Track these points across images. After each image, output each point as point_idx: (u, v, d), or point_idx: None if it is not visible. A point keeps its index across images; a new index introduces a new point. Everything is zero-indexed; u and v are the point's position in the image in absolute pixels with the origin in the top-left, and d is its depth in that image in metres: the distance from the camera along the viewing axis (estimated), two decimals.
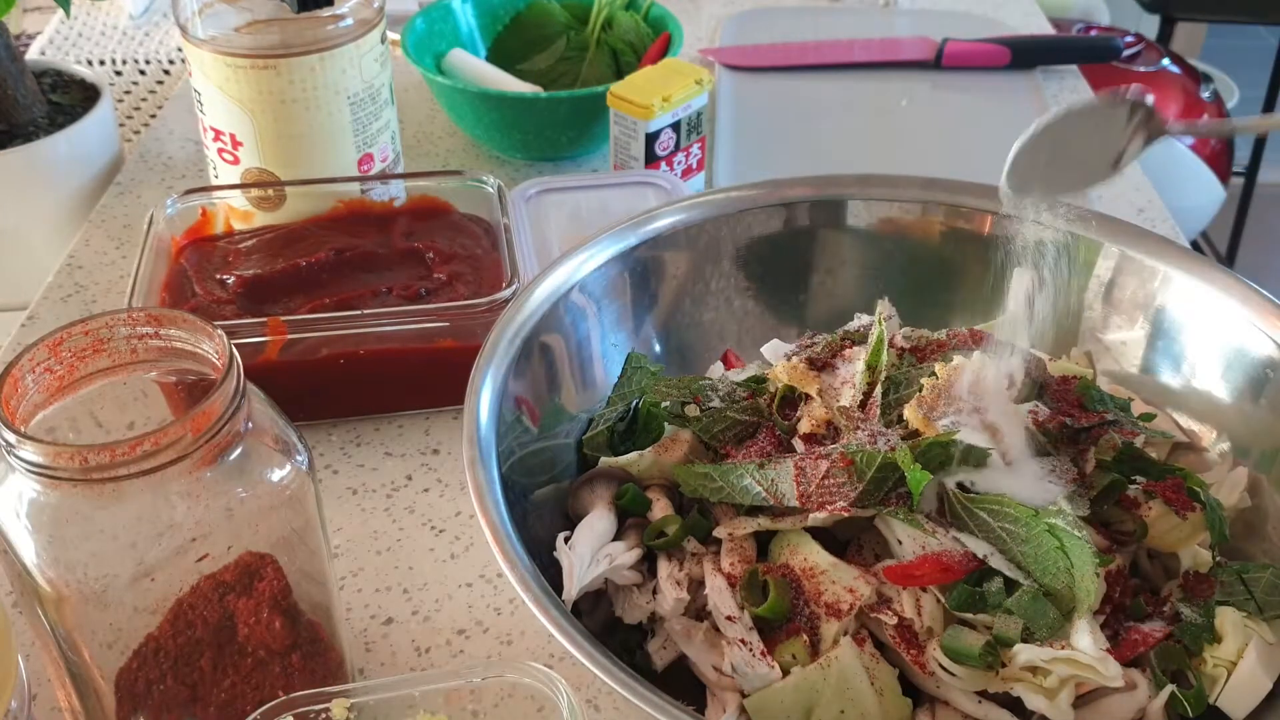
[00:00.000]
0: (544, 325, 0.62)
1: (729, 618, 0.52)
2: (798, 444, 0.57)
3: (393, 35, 1.19)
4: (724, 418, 0.60)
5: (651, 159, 0.88)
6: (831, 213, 0.71)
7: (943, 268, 0.71)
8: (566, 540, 0.56)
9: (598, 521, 0.57)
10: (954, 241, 0.69)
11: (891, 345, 0.61)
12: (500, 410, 0.57)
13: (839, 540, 0.55)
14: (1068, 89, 1.13)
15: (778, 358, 0.64)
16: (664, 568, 0.55)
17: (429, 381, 0.73)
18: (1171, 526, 0.55)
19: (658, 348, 0.69)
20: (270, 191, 0.80)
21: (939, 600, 0.52)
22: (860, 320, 0.67)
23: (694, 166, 0.93)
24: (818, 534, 0.54)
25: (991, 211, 0.68)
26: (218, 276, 0.75)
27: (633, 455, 0.59)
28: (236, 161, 0.82)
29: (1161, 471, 0.57)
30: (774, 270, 0.72)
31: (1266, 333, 0.60)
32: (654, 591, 0.55)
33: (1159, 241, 0.67)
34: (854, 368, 0.59)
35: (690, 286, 0.70)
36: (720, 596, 0.53)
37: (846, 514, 0.53)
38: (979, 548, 0.52)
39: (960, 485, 0.53)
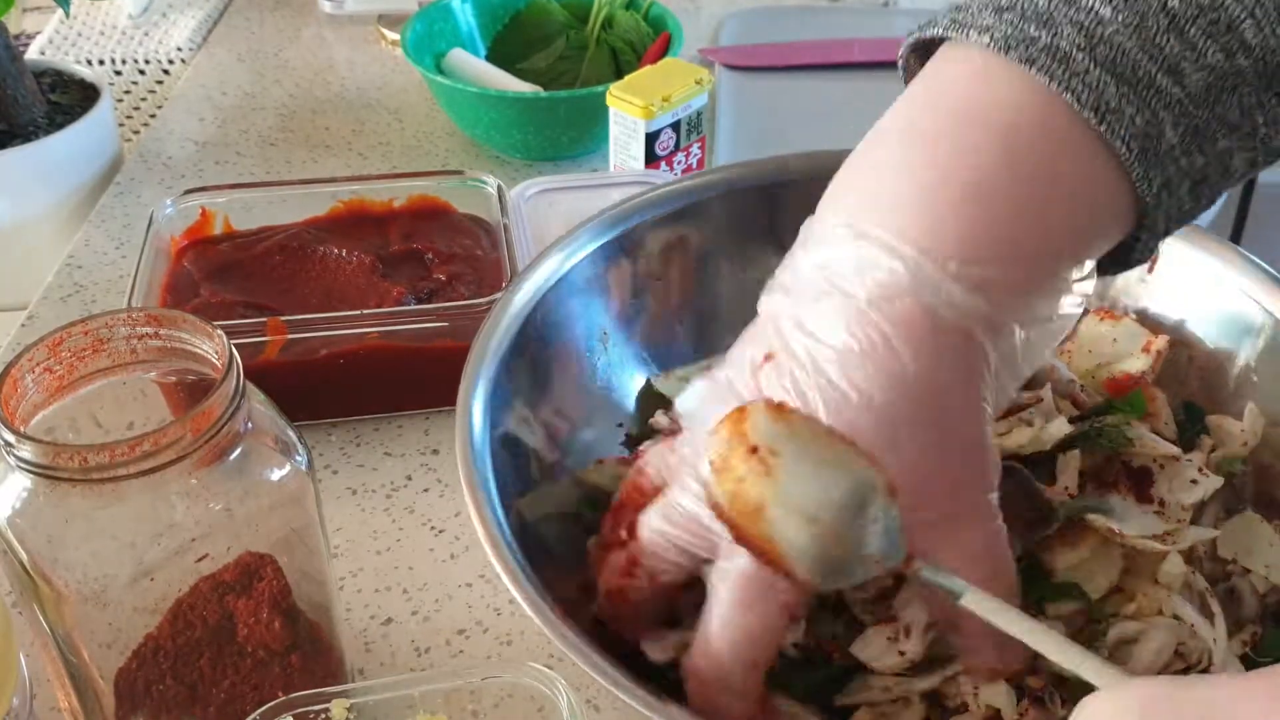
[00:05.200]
0: (533, 321, 0.61)
1: None
2: None
3: (393, 35, 1.20)
4: None
5: (651, 159, 0.88)
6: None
7: None
8: None
9: None
10: None
11: None
12: (493, 408, 0.56)
13: None
14: None
15: None
16: None
17: (429, 381, 0.73)
18: None
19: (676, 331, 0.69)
20: None
21: None
22: None
23: (694, 166, 0.93)
24: None
25: None
26: (217, 276, 0.75)
27: None
28: None
29: None
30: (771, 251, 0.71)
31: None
32: None
33: None
34: None
35: (702, 268, 0.70)
36: None
37: None
38: None
39: None
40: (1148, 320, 0.62)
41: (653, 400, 0.65)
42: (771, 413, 0.43)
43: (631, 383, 0.66)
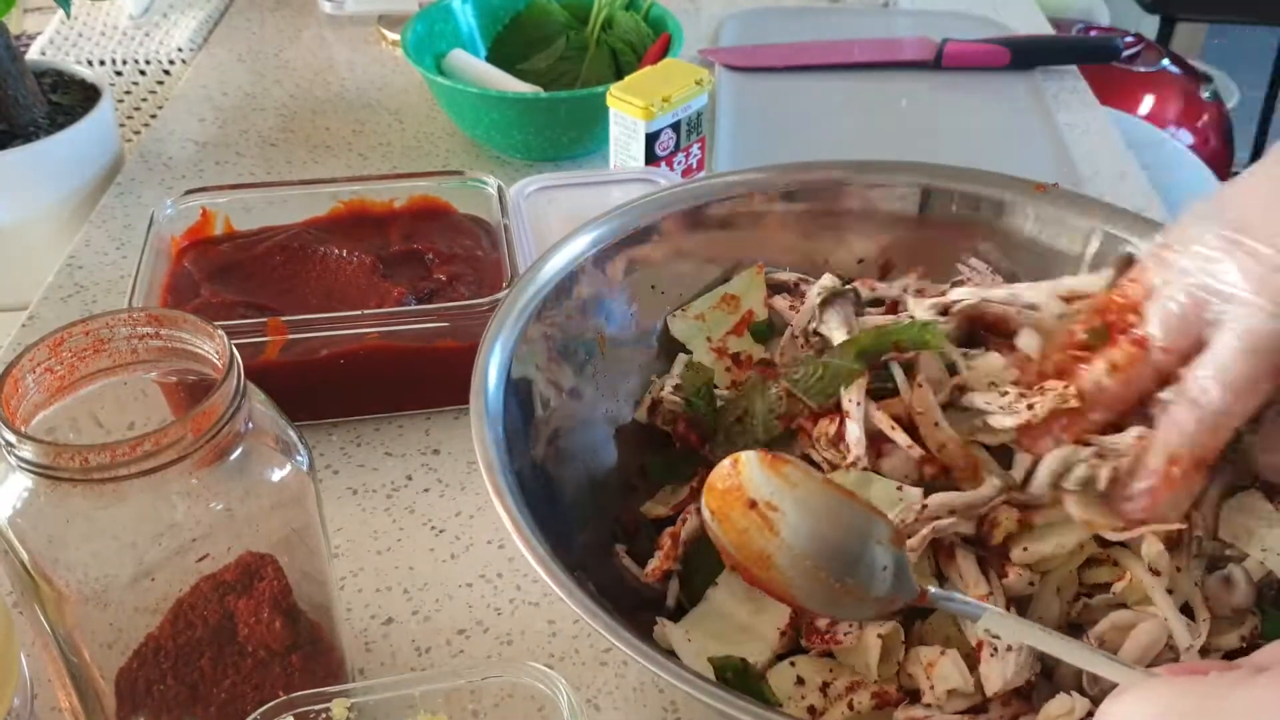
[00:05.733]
0: (550, 301, 0.63)
1: None
2: None
3: (393, 35, 1.20)
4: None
5: (651, 159, 0.88)
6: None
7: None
8: None
9: None
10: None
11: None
12: (509, 379, 0.58)
13: None
14: (1067, 89, 1.14)
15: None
16: None
17: (430, 381, 0.73)
18: None
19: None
20: None
21: None
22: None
23: (694, 166, 0.93)
24: None
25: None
26: (218, 277, 0.75)
27: None
28: None
29: None
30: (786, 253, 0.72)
31: None
32: None
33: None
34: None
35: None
36: None
37: None
38: None
39: None
40: None
41: (670, 341, 0.67)
42: (766, 465, 0.45)
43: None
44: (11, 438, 0.43)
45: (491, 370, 0.58)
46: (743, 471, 0.45)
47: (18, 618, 0.57)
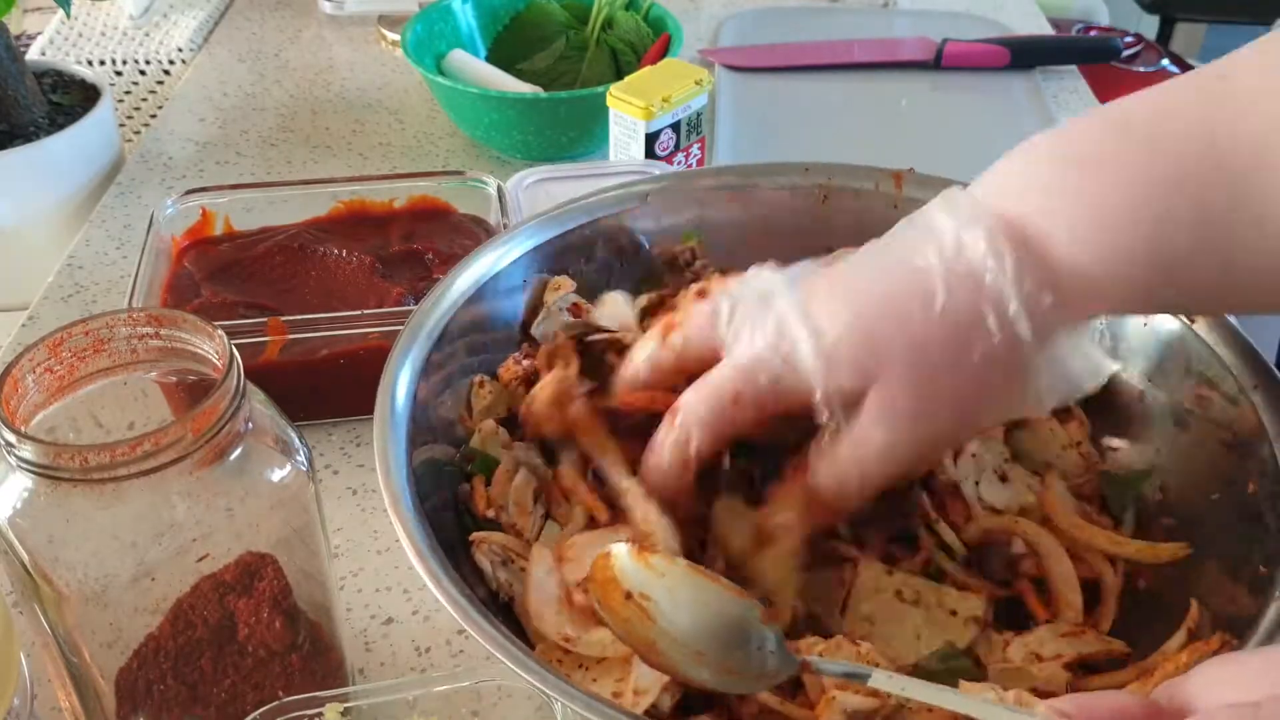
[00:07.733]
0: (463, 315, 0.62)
1: None
2: None
3: (393, 35, 1.20)
4: None
5: (651, 159, 0.88)
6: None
7: None
8: None
9: None
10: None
11: None
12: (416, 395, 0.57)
13: None
14: (1067, 89, 1.14)
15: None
16: None
17: None
18: None
19: None
20: None
21: None
22: None
23: (694, 166, 0.93)
24: None
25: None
26: (218, 277, 0.75)
27: None
28: None
29: None
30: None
31: None
32: None
33: None
34: None
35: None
36: None
37: None
38: None
39: None
40: None
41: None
42: (634, 556, 0.47)
43: None
44: (11, 438, 0.43)
45: (400, 385, 0.56)
46: (614, 563, 0.47)
47: (18, 618, 0.57)
